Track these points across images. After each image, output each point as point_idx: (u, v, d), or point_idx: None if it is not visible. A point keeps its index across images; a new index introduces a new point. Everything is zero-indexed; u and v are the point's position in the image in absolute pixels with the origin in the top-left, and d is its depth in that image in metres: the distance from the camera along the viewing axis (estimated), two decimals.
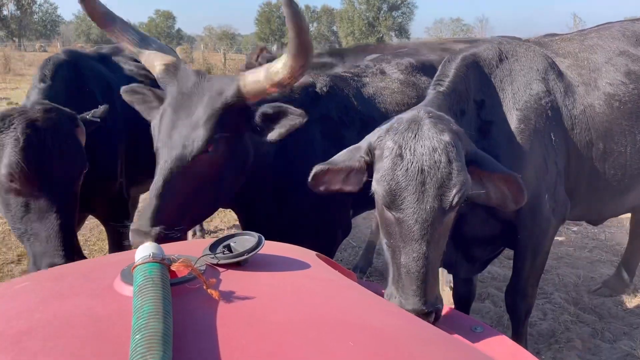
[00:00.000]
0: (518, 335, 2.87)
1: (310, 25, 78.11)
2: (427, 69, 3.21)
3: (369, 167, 1.98)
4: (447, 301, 2.96)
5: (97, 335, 0.86)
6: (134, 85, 2.49)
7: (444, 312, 1.84)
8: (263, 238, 1.16)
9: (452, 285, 3.23)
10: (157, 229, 2.00)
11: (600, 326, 3.71)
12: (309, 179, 2.03)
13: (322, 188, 2.07)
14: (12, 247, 4.83)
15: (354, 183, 2.06)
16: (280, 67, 2.09)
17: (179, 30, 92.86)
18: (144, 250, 0.98)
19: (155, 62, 2.33)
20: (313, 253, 1.43)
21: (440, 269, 2.79)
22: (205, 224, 5.53)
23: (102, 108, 2.72)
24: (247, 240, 1.17)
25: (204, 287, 0.94)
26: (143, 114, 2.40)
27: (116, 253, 1.99)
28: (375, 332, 0.96)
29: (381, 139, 1.92)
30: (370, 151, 1.96)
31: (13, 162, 2.15)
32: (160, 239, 1.94)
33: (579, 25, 36.30)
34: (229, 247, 1.15)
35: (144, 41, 2.41)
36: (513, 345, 1.54)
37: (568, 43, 3.00)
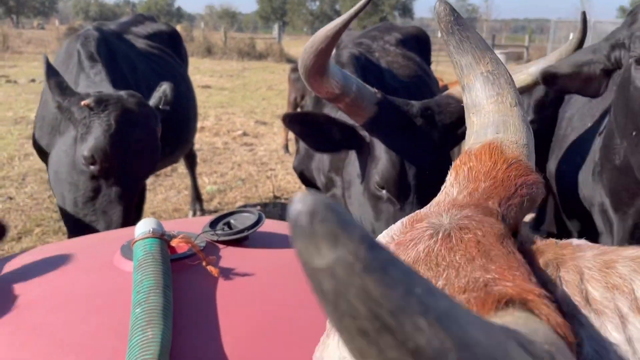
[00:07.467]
0: None
1: (313, 4, 77.50)
2: (408, 41, 3.50)
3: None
4: None
5: (97, 309, 0.86)
6: None
7: None
8: (263, 215, 1.16)
9: None
10: None
11: None
12: None
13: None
14: (12, 225, 4.85)
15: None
16: None
17: (179, 8, 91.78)
18: (144, 225, 0.98)
19: None
20: None
21: None
22: (205, 203, 5.53)
23: (168, 90, 2.55)
24: (247, 217, 1.16)
25: (203, 263, 0.94)
26: None
27: (116, 229, 1.99)
28: None
29: None
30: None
31: (99, 146, 2.12)
32: None
33: (586, 6, 35.78)
34: (229, 224, 1.14)
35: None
36: None
37: None
